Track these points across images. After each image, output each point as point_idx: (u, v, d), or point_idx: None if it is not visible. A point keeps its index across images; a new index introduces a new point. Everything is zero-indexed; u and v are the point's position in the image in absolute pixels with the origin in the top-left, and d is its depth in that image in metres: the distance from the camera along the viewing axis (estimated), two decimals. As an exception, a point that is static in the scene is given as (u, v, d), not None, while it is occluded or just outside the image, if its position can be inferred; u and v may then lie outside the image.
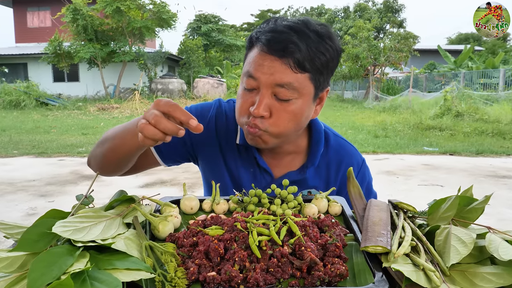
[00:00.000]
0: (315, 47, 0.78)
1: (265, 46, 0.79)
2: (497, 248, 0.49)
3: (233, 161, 0.98)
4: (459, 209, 0.58)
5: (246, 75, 0.82)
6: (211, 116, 1.00)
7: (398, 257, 0.51)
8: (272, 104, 0.81)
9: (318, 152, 0.97)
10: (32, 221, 0.56)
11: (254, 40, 0.83)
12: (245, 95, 0.84)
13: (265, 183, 0.96)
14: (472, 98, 11.24)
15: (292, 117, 0.82)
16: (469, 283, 0.48)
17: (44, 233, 0.53)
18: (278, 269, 0.54)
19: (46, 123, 10.83)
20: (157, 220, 0.66)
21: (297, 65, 0.78)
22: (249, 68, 0.81)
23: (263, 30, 0.81)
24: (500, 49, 21.61)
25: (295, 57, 0.77)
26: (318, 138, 0.97)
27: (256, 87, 0.81)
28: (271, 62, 0.78)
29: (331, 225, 0.67)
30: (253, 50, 0.83)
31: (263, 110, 0.79)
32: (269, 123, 0.81)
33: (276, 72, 0.78)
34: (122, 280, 0.47)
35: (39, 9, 22.18)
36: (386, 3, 19.73)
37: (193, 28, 23.78)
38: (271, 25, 0.81)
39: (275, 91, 0.80)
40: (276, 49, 0.77)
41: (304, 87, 0.81)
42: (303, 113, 0.84)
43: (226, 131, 0.99)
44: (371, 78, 18.10)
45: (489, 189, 4.53)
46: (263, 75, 0.79)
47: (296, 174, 0.97)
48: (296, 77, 0.79)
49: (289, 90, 0.79)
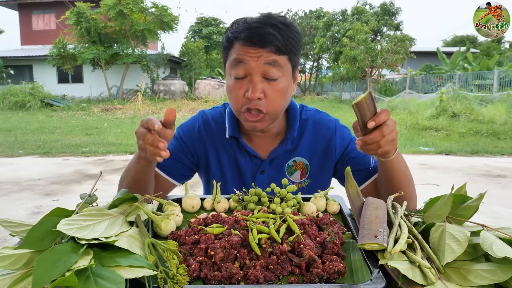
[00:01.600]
0: (286, 34, 0.91)
1: (247, 41, 0.89)
2: (491, 245, 0.49)
3: (228, 156, 1.08)
4: (454, 207, 0.59)
5: (234, 64, 0.92)
6: (199, 125, 1.11)
7: (394, 254, 0.52)
8: (264, 87, 0.91)
9: (295, 125, 1.07)
10: (37, 219, 0.57)
11: (232, 39, 0.93)
12: (237, 85, 0.93)
13: (255, 166, 1.07)
14: (467, 99, 11.26)
15: (282, 95, 0.94)
16: (463, 280, 0.49)
17: (49, 231, 0.54)
18: (278, 266, 0.55)
19: (50, 123, 10.90)
20: (160, 218, 0.67)
21: (278, 51, 0.90)
22: (236, 57, 0.91)
23: (239, 30, 0.92)
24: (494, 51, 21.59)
25: (274, 44, 0.89)
26: (294, 114, 1.08)
27: (246, 74, 0.91)
28: (256, 50, 0.89)
29: (329, 223, 0.68)
30: (233, 48, 0.93)
31: (259, 92, 0.90)
32: (266, 103, 0.92)
33: (262, 55, 0.89)
34: (125, 277, 0.48)
35: (44, 12, 22.33)
36: (383, 6, 19.77)
37: (195, 30, 23.83)
38: (244, 24, 0.92)
39: (265, 72, 0.90)
40: (258, 41, 0.89)
41: (285, 66, 0.93)
42: (288, 89, 0.96)
43: (217, 132, 1.10)
44: (369, 79, 18.13)
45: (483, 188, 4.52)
46: (251, 59, 0.89)
47: (278, 148, 1.06)
48: (279, 57, 0.91)
49: (276, 67, 0.90)
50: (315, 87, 25.33)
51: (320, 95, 23.11)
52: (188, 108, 14.25)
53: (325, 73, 25.17)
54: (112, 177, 5.13)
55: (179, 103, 15.34)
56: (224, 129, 1.09)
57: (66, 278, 0.44)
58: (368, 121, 0.73)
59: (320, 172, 1.08)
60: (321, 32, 21.09)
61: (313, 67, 25.22)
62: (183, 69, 21.18)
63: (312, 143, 1.09)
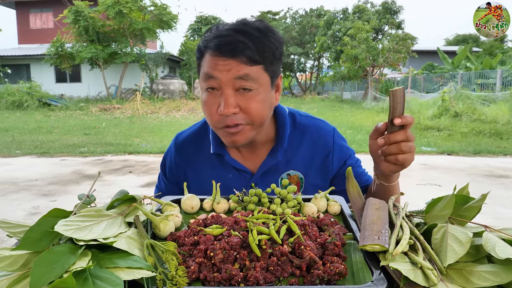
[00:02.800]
0: (261, 40, 0.85)
1: (216, 51, 0.84)
2: (493, 246, 0.49)
3: (211, 174, 1.02)
4: (456, 207, 0.58)
5: (205, 78, 0.86)
6: (171, 155, 1.09)
7: (396, 256, 0.52)
8: (238, 99, 0.85)
9: (285, 134, 1.00)
10: (34, 220, 0.57)
11: (202, 49, 0.88)
12: (210, 99, 0.87)
13: (245, 181, 1.01)
14: (470, 98, 11.23)
15: (260, 105, 0.87)
16: (466, 282, 0.48)
17: (47, 232, 0.54)
18: (278, 268, 0.54)
19: (48, 123, 10.87)
20: (158, 219, 0.66)
21: (250, 60, 0.83)
22: (207, 70, 0.85)
23: (209, 38, 0.86)
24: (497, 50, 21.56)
25: (246, 54, 0.82)
26: (283, 121, 1.01)
27: (217, 87, 0.85)
28: (225, 61, 0.83)
29: (330, 224, 0.68)
30: (204, 58, 0.87)
31: (232, 107, 0.84)
32: (244, 116, 0.86)
33: (232, 68, 0.83)
34: (123, 279, 0.47)
35: (42, 10, 22.28)
36: (385, 4, 19.74)
37: (194, 29, 23.80)
38: (215, 32, 0.86)
39: (236, 85, 0.84)
40: (227, 51, 0.83)
41: (260, 76, 0.86)
42: (267, 100, 0.89)
43: (196, 151, 1.05)
44: (370, 79, 18.12)
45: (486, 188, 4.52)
46: (221, 73, 0.83)
47: (268, 161, 1.00)
48: (251, 69, 0.84)
49: (249, 81, 0.84)
50: (315, 87, 25.32)
51: (320, 95, 23.09)
52: (187, 108, 14.22)
53: (326, 72, 25.14)
54: (110, 178, 5.12)
55: (178, 103, 15.32)
56: (207, 145, 1.04)
57: (64, 279, 0.44)
58: (395, 117, 0.74)
59: (315, 187, 1.00)
60: (322, 30, 20.98)
61: (313, 66, 25.20)
62: (182, 68, 21.16)
63: (309, 156, 1.02)
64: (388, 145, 0.76)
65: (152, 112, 13.64)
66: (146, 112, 13.51)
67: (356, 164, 1.07)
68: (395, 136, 0.75)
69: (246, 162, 1.02)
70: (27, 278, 0.48)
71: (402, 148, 0.75)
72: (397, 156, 0.76)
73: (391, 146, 0.76)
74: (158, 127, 10.10)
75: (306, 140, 1.03)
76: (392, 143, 0.76)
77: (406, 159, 0.77)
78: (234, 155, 1.02)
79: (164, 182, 1.13)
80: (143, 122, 11.39)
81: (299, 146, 1.02)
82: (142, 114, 13.22)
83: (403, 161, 0.77)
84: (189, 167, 1.06)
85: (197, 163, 1.05)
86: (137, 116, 12.73)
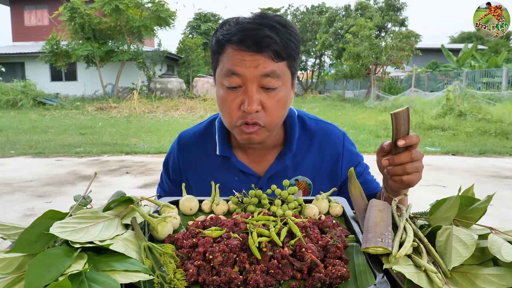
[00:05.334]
0: (285, 36, 0.82)
1: (241, 45, 0.80)
2: (499, 249, 0.48)
3: (216, 177, 0.98)
4: (461, 209, 0.58)
5: (227, 74, 0.82)
6: (174, 155, 1.06)
7: (399, 258, 0.51)
8: (262, 97, 0.83)
9: (294, 137, 0.97)
10: (29, 222, 0.55)
11: (223, 42, 0.83)
12: (230, 96, 0.84)
13: (251, 184, 0.97)
14: (475, 97, 11.18)
15: (282, 105, 0.86)
16: (471, 285, 0.48)
17: (42, 234, 0.53)
18: (279, 271, 0.53)
19: (43, 123, 10.79)
20: (156, 221, 0.65)
21: (276, 56, 0.81)
22: (229, 67, 0.82)
23: (231, 32, 0.82)
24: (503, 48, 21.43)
25: (273, 49, 0.80)
26: (292, 124, 0.98)
27: (241, 84, 0.82)
28: (252, 56, 0.80)
29: (332, 226, 0.67)
30: (226, 51, 0.83)
31: (256, 104, 0.81)
32: (264, 116, 0.84)
33: (259, 64, 0.80)
34: (120, 282, 0.46)
35: (37, 7, 22.10)
36: (388, 1, 19.63)
37: (193, 26, 23.72)
38: (236, 25, 0.82)
39: (262, 83, 0.82)
40: (254, 45, 0.79)
41: (284, 74, 0.84)
42: (287, 99, 0.87)
43: (200, 153, 1.02)
44: (373, 77, 18.05)
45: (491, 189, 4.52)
46: (247, 69, 0.80)
47: (276, 164, 0.97)
48: (278, 65, 0.82)
49: (274, 78, 0.82)
50: (317, 85, 25.18)
51: (322, 93, 22.99)
52: (186, 107, 14.16)
53: (328, 70, 25.02)
54: (107, 178, 5.09)
55: (177, 102, 15.25)
56: (212, 146, 1.00)
57: (60, 283, 0.43)
58: (399, 139, 0.71)
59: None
60: (324, 28, 20.75)
61: (315, 64, 25.02)
62: (181, 66, 21.05)
63: (317, 161, 0.99)
64: (393, 166, 0.74)
65: (149, 111, 13.58)
66: (143, 112, 13.46)
67: (365, 171, 1.05)
68: (400, 157, 0.73)
69: (253, 165, 0.99)
70: (22, 281, 0.47)
71: (407, 169, 0.73)
72: (402, 178, 0.74)
73: (396, 168, 0.74)
74: (156, 126, 10.04)
75: (315, 144, 1.00)
76: (397, 165, 0.74)
77: (412, 180, 0.74)
78: (241, 158, 0.99)
79: (167, 182, 1.11)
80: (140, 122, 11.34)
81: (308, 151, 1.00)
82: (139, 113, 13.16)
83: (408, 182, 0.75)
84: (193, 168, 1.03)
85: (201, 165, 1.02)
86: (134, 116, 12.68)
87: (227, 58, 0.82)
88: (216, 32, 0.86)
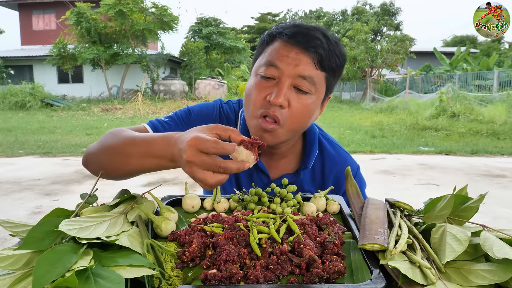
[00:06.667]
0: (333, 48, 0.82)
1: (290, 39, 0.81)
2: (491, 246, 0.49)
3: None
4: (455, 207, 0.59)
5: (266, 64, 0.82)
6: (215, 116, 1.01)
7: (394, 255, 0.52)
8: (291, 96, 0.81)
9: (313, 155, 0.97)
10: (37, 220, 0.57)
11: (275, 34, 0.84)
12: (261, 85, 0.82)
13: (261, 184, 0.97)
14: (467, 99, 11.34)
15: (307, 112, 0.84)
16: (464, 280, 0.49)
17: (49, 231, 0.54)
18: (278, 266, 0.55)
19: (51, 123, 10.90)
20: (160, 219, 0.67)
21: (319, 62, 0.81)
22: (271, 58, 0.82)
23: (285, 26, 0.83)
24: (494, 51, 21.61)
25: (318, 53, 0.80)
26: (312, 140, 0.98)
27: (276, 77, 0.81)
28: (296, 54, 0.80)
29: (329, 223, 0.68)
30: (273, 44, 0.84)
31: (283, 99, 0.79)
32: (286, 114, 0.81)
33: (300, 64, 0.80)
34: (125, 277, 0.47)
35: (44, 12, 22.35)
36: (383, 6, 19.81)
37: (195, 30, 23.82)
38: (291, 23, 0.84)
39: (296, 83, 0.81)
40: (302, 42, 0.80)
41: (320, 84, 0.83)
42: (314, 110, 0.85)
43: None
44: (369, 79, 18.21)
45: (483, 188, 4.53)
46: (287, 65, 0.80)
47: (291, 176, 0.97)
48: (316, 73, 0.82)
49: (310, 83, 0.81)
50: (315, 87, 25.22)
51: (320, 95, 23.01)
52: (188, 108, 14.18)
53: (325, 73, 25.05)
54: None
55: (179, 103, 15.34)
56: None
57: (66, 278, 0.44)
58: None
59: None
60: (321, 32, 21.04)
61: (312, 67, 25.13)
62: (183, 69, 21.18)
63: (325, 187, 0.98)
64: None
65: (153, 112, 13.67)
66: (147, 113, 13.54)
67: None
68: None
69: (266, 165, 0.98)
70: (30, 277, 0.49)
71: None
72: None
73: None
74: (160, 127, 10.06)
75: (327, 169, 0.99)
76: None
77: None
78: None
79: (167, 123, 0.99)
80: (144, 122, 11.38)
81: (321, 173, 0.99)
82: (143, 114, 13.25)
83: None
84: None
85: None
86: (139, 117, 12.76)
87: (271, 50, 0.83)
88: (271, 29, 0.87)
